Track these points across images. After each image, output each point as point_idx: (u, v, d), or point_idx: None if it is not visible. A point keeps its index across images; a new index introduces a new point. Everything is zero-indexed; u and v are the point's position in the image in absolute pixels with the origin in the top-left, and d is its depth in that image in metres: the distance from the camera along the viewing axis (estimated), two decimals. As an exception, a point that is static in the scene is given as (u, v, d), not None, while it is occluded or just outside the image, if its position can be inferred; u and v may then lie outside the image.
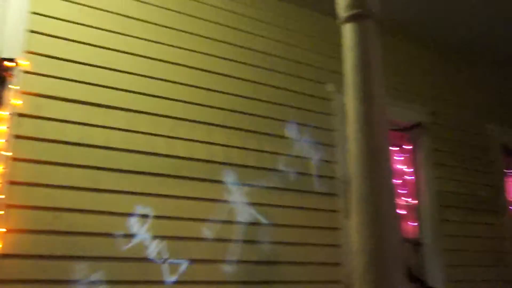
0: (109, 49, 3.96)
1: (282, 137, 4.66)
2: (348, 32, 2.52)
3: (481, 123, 6.36)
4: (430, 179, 5.64)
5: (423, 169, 5.67)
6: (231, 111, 4.42)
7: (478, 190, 6.02)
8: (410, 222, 5.50)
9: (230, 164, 4.28)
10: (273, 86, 4.73)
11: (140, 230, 3.75)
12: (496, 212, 6.12)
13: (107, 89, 3.88)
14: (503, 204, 6.22)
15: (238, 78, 4.54)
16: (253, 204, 4.33)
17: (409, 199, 5.57)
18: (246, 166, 4.37)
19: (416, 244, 5.39)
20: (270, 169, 4.50)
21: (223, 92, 4.42)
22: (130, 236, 3.71)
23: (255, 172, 4.41)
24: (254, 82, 4.63)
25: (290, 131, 4.72)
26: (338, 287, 4.55)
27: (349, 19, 2.54)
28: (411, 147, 5.77)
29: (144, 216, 3.79)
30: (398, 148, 5.71)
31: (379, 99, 2.38)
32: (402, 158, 5.70)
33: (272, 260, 4.32)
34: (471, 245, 5.72)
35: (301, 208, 4.58)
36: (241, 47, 4.64)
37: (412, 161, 5.75)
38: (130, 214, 3.74)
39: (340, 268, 4.61)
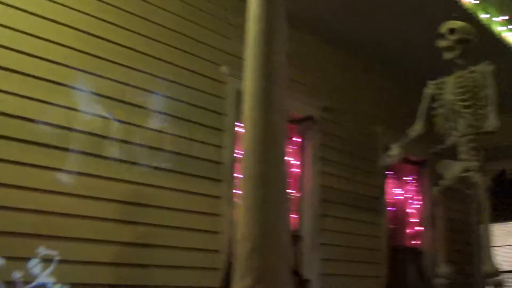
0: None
1: (171, 115, 4.44)
2: (253, 2, 2.32)
3: (370, 124, 6.46)
4: (315, 173, 5.64)
5: (310, 163, 5.67)
6: (119, 82, 4.15)
7: (361, 188, 6.11)
8: (292, 214, 5.47)
9: (111, 139, 4.02)
10: (166, 61, 4.49)
11: None
12: (376, 211, 6.25)
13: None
14: (383, 204, 6.37)
15: (129, 48, 4.26)
16: (133, 183, 4.09)
17: (293, 192, 5.54)
18: (131, 143, 4.13)
19: (295, 236, 5.37)
20: (154, 148, 4.27)
21: (111, 61, 4.13)
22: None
23: (139, 150, 4.17)
24: (147, 54, 4.37)
25: (181, 111, 4.51)
26: (216, 274, 4.42)
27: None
28: (300, 140, 5.75)
29: None
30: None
31: (280, 76, 2.18)
32: (290, 151, 5.66)
33: (149, 243, 4.11)
34: (348, 241, 5.80)
35: (184, 191, 4.39)
36: (136, 15, 4.35)
37: (299, 154, 5.72)
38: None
39: (219, 255, 4.48)
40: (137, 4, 4.35)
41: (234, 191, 4.70)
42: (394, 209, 6.61)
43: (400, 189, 6.78)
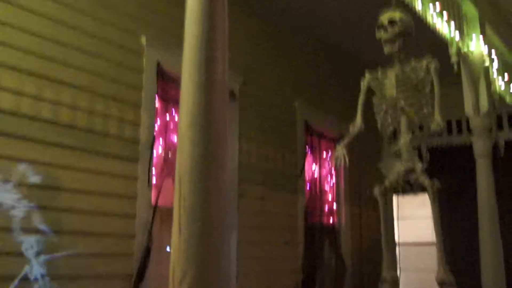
0: None
1: (83, 88, 4.04)
2: None
3: (290, 100, 6.31)
4: (234, 151, 5.41)
5: (229, 141, 5.43)
6: (27, 52, 3.70)
7: (280, 166, 5.97)
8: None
9: (18, 114, 3.60)
10: (79, 28, 4.07)
11: None
12: (295, 190, 6.15)
13: None
14: (302, 183, 6.27)
15: (38, 14, 3.81)
16: (42, 163, 3.70)
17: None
18: (40, 119, 3.72)
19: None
20: (64, 125, 3.88)
21: (20, 29, 3.68)
22: None
23: (48, 127, 3.77)
24: (59, 20, 3.93)
25: (94, 84, 4.12)
26: (132, 260, 4.15)
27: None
28: (219, 115, 5.48)
29: None
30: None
31: (222, 87, 1.84)
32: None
33: (60, 230, 3.75)
34: (267, 222, 5.66)
35: (97, 172, 4.04)
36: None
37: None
38: None
39: (135, 240, 4.20)
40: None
41: (151, 171, 4.42)
42: (310, 186, 6.52)
43: (317, 166, 6.69)
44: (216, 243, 1.69)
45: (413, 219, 8.51)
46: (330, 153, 6.73)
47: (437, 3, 4.72)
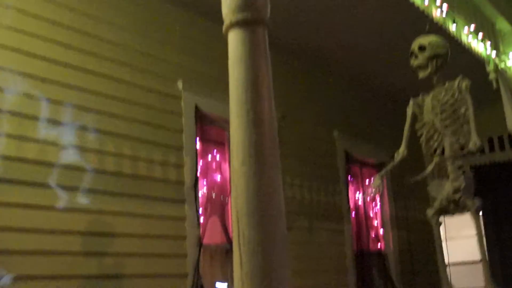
0: None
1: (127, 137, 4.17)
2: (235, 40, 1.98)
3: (329, 131, 6.36)
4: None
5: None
6: (72, 106, 3.86)
7: (324, 196, 5.99)
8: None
9: (64, 166, 3.73)
10: (118, 79, 4.22)
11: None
12: (340, 218, 6.15)
13: None
14: (346, 211, 6.27)
15: (80, 69, 3.97)
16: (93, 211, 3.81)
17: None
18: (88, 170, 3.85)
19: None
20: (111, 173, 4.00)
21: (61, 83, 3.84)
22: None
23: (97, 177, 3.89)
24: (99, 74, 4.09)
25: (136, 131, 4.24)
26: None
27: (237, 24, 1.99)
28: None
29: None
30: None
31: (270, 124, 1.89)
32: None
33: (116, 273, 3.84)
34: (316, 251, 5.67)
35: (145, 215, 4.13)
36: (84, 32, 4.06)
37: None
38: None
39: (187, 280, 4.27)
40: (85, 21, 4.06)
41: (197, 211, 4.49)
42: (356, 214, 6.51)
43: (360, 193, 6.69)
44: (277, 275, 1.73)
45: (461, 239, 8.40)
46: (371, 180, 6.72)
47: (472, 24, 4.75)
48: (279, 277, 1.74)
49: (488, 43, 4.93)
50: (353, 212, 6.48)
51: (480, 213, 4.30)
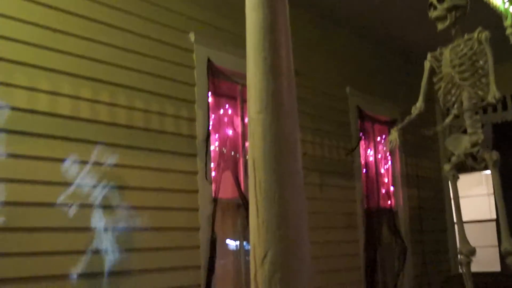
0: None
1: (139, 90, 4.14)
2: None
3: (341, 87, 6.30)
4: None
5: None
6: (82, 57, 3.81)
7: (335, 153, 5.98)
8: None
9: (78, 119, 3.72)
10: (130, 31, 4.16)
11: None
12: (351, 175, 6.15)
13: None
14: (357, 168, 6.26)
15: (90, 19, 3.92)
16: (105, 164, 3.81)
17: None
18: (99, 122, 3.83)
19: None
20: (123, 126, 3.98)
21: (73, 35, 3.78)
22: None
23: (108, 129, 3.88)
24: (110, 25, 4.03)
25: (148, 84, 4.21)
26: (197, 252, 4.24)
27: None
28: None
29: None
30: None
31: (288, 72, 1.84)
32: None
33: (128, 226, 3.87)
34: (327, 207, 5.68)
35: (157, 169, 4.13)
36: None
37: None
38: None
39: (199, 233, 4.29)
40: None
41: (209, 165, 4.49)
42: (367, 171, 6.50)
43: (372, 150, 6.66)
44: (294, 223, 1.73)
45: (469, 197, 8.39)
46: (384, 137, 6.68)
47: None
48: (296, 224, 1.74)
49: (506, -4, 4.80)
50: (364, 169, 6.46)
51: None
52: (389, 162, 6.96)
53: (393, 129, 4.64)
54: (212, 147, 4.63)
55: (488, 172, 4.54)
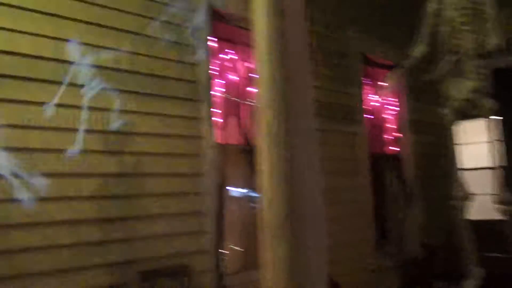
0: None
1: (141, 34, 4.09)
2: None
3: (343, 29, 6.19)
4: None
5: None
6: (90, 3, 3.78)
7: (337, 98, 5.93)
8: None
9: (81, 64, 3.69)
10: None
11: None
12: (354, 120, 6.11)
13: None
14: (360, 113, 6.22)
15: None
16: (109, 110, 3.81)
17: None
18: (104, 67, 3.82)
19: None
20: (127, 71, 3.96)
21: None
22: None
23: (113, 74, 3.87)
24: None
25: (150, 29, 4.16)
26: (201, 198, 4.27)
27: None
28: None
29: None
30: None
31: (295, 12, 1.79)
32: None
33: (134, 172, 3.91)
34: (331, 153, 5.67)
35: (161, 114, 4.13)
36: None
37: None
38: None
39: (203, 179, 4.31)
40: None
41: (212, 110, 4.47)
42: (372, 116, 6.47)
43: (376, 95, 6.61)
44: (300, 164, 1.73)
45: (470, 145, 8.36)
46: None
47: None
48: (302, 164, 1.74)
49: None
50: (369, 115, 6.43)
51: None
52: (395, 108, 6.91)
53: (394, 70, 4.61)
54: (216, 93, 4.60)
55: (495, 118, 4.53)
